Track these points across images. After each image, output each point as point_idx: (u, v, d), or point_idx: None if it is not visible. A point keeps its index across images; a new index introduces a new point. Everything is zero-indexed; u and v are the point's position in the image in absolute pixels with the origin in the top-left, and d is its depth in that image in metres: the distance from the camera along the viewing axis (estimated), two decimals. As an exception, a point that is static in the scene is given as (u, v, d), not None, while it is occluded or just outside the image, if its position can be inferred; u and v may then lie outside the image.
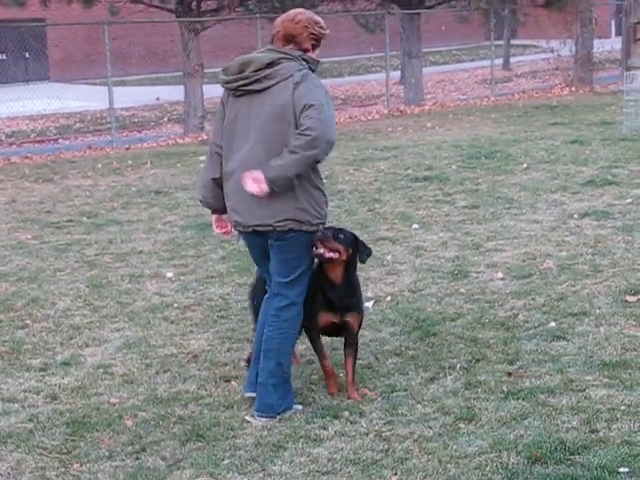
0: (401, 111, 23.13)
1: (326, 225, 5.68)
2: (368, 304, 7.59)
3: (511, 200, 11.32)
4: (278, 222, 5.47)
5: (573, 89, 26.08)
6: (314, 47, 5.70)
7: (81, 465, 5.09)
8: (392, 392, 5.87)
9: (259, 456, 5.10)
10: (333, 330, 5.93)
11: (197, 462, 5.06)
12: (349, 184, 12.92)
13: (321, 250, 5.54)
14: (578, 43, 26.72)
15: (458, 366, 6.21)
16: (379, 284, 8.23)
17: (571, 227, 9.81)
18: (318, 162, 5.45)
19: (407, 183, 12.81)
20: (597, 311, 7.12)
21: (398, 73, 29.94)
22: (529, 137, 16.60)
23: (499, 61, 36.02)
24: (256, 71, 5.48)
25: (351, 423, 5.46)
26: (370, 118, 22.26)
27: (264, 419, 5.57)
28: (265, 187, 5.26)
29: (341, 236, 5.68)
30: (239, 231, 5.73)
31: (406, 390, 5.89)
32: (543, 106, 22.03)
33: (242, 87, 5.55)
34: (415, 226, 10.26)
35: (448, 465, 4.88)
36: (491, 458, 4.91)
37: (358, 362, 6.25)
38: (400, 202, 11.60)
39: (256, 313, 6.02)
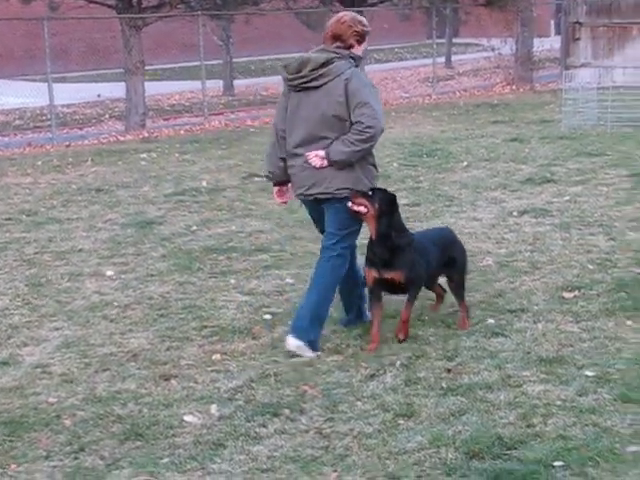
0: (343, 109, 23.17)
1: None
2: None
3: (452, 198, 11.41)
4: (337, 190, 6.58)
5: (514, 87, 26.31)
6: (359, 42, 6.70)
7: (18, 466, 5.05)
8: (333, 389, 5.90)
9: (198, 454, 5.10)
10: (385, 286, 6.71)
11: (136, 461, 5.05)
12: (291, 182, 12.93)
13: (350, 204, 6.48)
14: (519, 42, 26.97)
15: (398, 363, 6.26)
16: (320, 282, 8.23)
17: (510, 224, 9.91)
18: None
19: (349, 181, 12.82)
20: (535, 307, 7.22)
21: (340, 71, 29.97)
22: (470, 135, 16.74)
23: (441, 59, 36.25)
24: (312, 70, 6.53)
25: (291, 421, 5.48)
26: (312, 116, 22.28)
27: (295, 340, 6.51)
28: (326, 163, 6.51)
29: (370, 194, 6.54)
30: (301, 200, 6.91)
31: (346, 387, 5.92)
32: (484, 104, 22.20)
33: (302, 84, 6.60)
34: (356, 224, 10.28)
35: (387, 461, 4.93)
36: (430, 454, 4.96)
37: (299, 360, 6.33)
38: (342, 200, 11.62)
39: None
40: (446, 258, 7.04)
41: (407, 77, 33.78)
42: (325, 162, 6.52)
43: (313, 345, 6.55)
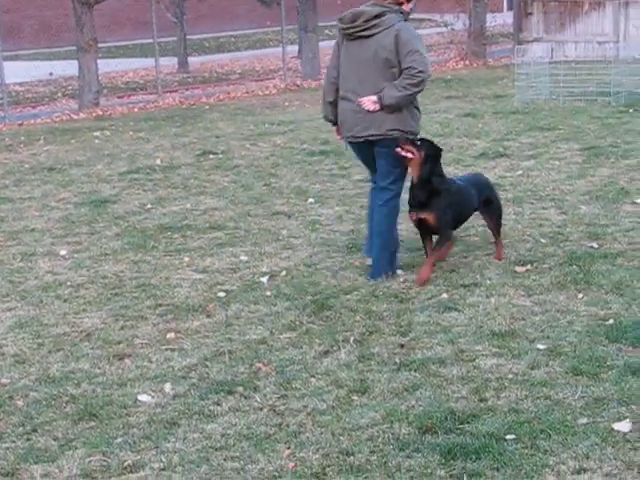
0: (298, 85, 23.09)
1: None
2: (263, 279, 7.63)
3: (405, 173, 11.39)
4: (388, 131, 7.30)
5: (467, 63, 26.32)
6: (408, 1, 7.40)
7: (-30, 448, 5.01)
8: (286, 366, 5.88)
9: (152, 434, 5.07)
10: (422, 226, 7.48)
11: (89, 441, 5.01)
12: (245, 159, 12.88)
13: (399, 149, 7.18)
14: (471, 17, 26.96)
15: (352, 339, 6.25)
16: (274, 259, 8.23)
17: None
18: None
19: (303, 157, 12.82)
20: (487, 282, 7.24)
21: (296, 47, 29.87)
22: (424, 110, 16.47)
23: (395, 35, 36.14)
24: (366, 21, 7.25)
25: (245, 398, 5.46)
26: (267, 93, 22.17)
27: (376, 280, 7.34)
28: (378, 107, 7.21)
29: (418, 142, 7.28)
30: (350, 142, 7.60)
31: (300, 364, 5.91)
32: (438, 79, 22.15)
33: (355, 33, 7.32)
34: (311, 200, 10.28)
35: (341, 437, 4.92)
36: (383, 429, 4.96)
37: (252, 337, 6.34)
38: (296, 176, 11.61)
39: None
40: (483, 198, 7.78)
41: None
42: (377, 106, 7.24)
43: (394, 271, 7.50)
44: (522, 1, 26.62)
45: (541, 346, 5.93)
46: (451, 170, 11.38)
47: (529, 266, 7.56)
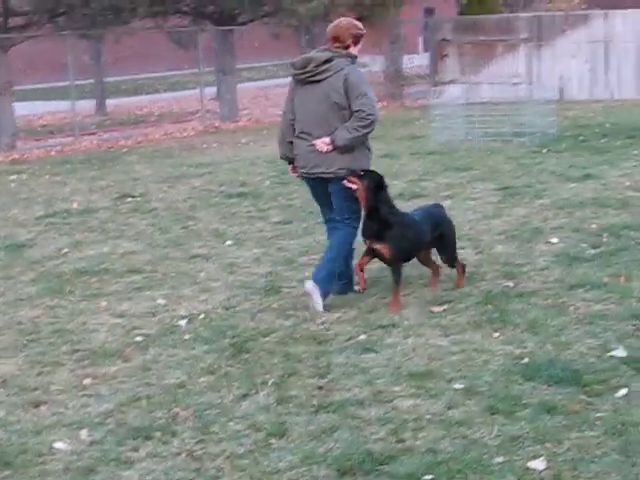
0: (216, 127, 23.15)
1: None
2: (181, 322, 7.59)
3: (324, 215, 11.45)
4: (339, 169, 7.74)
5: (384, 104, 26.57)
6: (355, 44, 7.82)
7: None
8: (205, 410, 5.85)
9: (68, 482, 5.01)
10: (375, 255, 7.82)
11: (4, 491, 4.93)
12: (163, 202, 12.85)
13: (345, 182, 7.63)
14: (388, 59, 27.30)
15: (270, 382, 6.24)
16: (192, 302, 8.20)
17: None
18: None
19: (221, 199, 12.83)
20: (405, 322, 7.29)
21: (214, 89, 29.94)
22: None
23: (313, 77, 36.39)
24: (316, 66, 7.69)
25: (163, 443, 5.42)
26: (185, 135, 22.20)
27: (312, 285, 7.70)
28: (331, 148, 7.67)
29: (361, 174, 7.67)
30: (304, 178, 8.08)
31: (219, 408, 5.88)
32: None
33: (307, 78, 7.76)
34: (229, 242, 10.28)
35: (259, 481, 4.91)
36: (302, 472, 4.95)
37: (170, 381, 6.32)
38: (214, 219, 11.61)
39: None
40: (437, 233, 8.10)
41: (279, 94, 33.76)
42: (330, 147, 7.69)
43: (325, 295, 7.76)
44: (438, 43, 27.04)
45: (458, 386, 5.98)
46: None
47: (446, 306, 7.63)
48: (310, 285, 7.74)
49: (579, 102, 24.38)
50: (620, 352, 6.33)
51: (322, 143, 7.72)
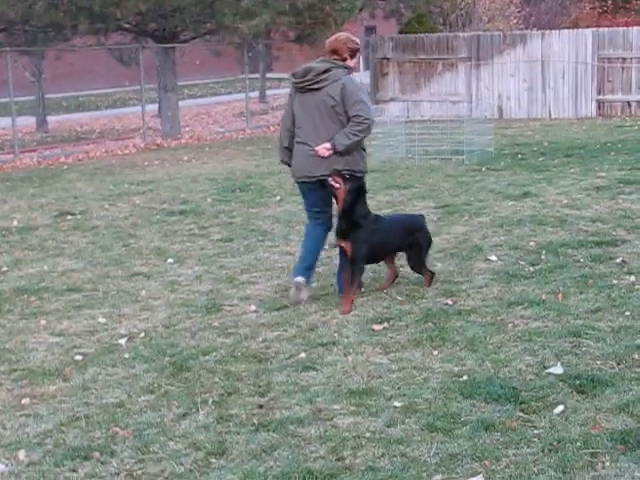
0: (158, 145, 23.05)
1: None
2: (121, 341, 7.54)
3: (265, 232, 11.47)
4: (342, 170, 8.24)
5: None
6: (351, 57, 8.46)
7: None
8: (144, 429, 5.80)
9: (5, 504, 4.94)
10: (343, 254, 8.38)
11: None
12: (104, 219, 12.76)
13: (330, 179, 8.12)
14: (329, 77, 27.35)
15: (210, 400, 6.22)
16: (133, 320, 8.15)
17: (322, 257, 9.94)
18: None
19: (163, 217, 12.77)
20: (345, 340, 7.29)
21: (156, 106, 29.84)
22: (283, 169, 16.78)
23: (255, 94, 36.45)
24: (316, 75, 8.27)
25: (102, 464, 5.37)
26: (127, 152, 22.08)
27: (299, 277, 8.40)
28: (332, 152, 8.20)
29: (347, 176, 8.19)
30: (303, 182, 8.49)
31: (158, 427, 5.84)
32: (297, 139, 22.41)
33: (307, 86, 8.33)
34: (170, 260, 10.24)
35: (199, 501, 4.87)
36: (241, 492, 4.93)
37: (110, 401, 6.26)
38: (155, 237, 11.55)
39: None
40: (409, 241, 8.64)
41: (222, 112, 33.86)
42: (331, 152, 8.21)
43: (309, 281, 8.49)
44: (378, 61, 27.18)
45: (397, 403, 5.99)
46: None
47: (386, 324, 7.65)
48: (300, 279, 8.38)
49: (517, 121, 24.64)
50: (557, 369, 6.39)
51: (323, 149, 8.25)
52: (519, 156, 17.19)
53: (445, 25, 28.29)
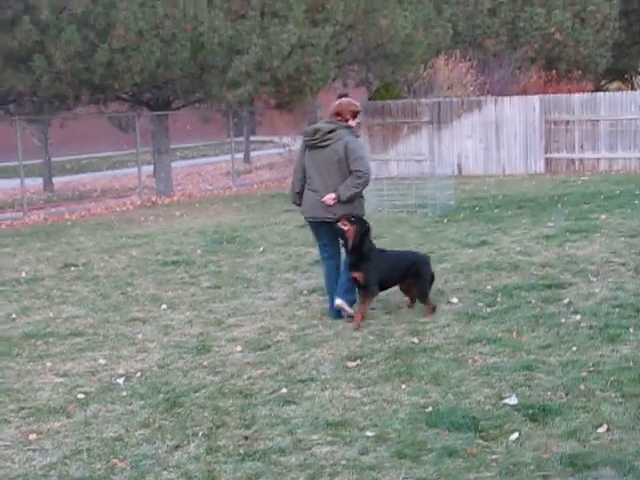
0: (153, 202, 23.03)
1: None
2: (119, 380, 7.49)
3: (249, 280, 11.44)
4: (341, 216, 8.86)
5: (304, 180, 26.70)
6: (353, 118, 9.13)
7: None
8: (140, 461, 5.76)
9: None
10: (356, 283, 8.93)
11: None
12: (104, 270, 12.71)
13: (338, 223, 8.80)
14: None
15: (201, 433, 6.18)
16: (130, 361, 8.10)
17: (301, 302, 10.00)
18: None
19: (157, 267, 12.73)
20: (322, 376, 7.27)
21: (151, 167, 29.85)
22: (265, 223, 16.88)
23: (240, 155, 36.55)
24: (323, 135, 8.96)
25: (102, 493, 5.32)
26: (125, 209, 22.03)
27: (339, 300, 8.95)
28: (336, 201, 8.88)
29: (352, 219, 8.84)
30: (310, 221, 9.24)
31: (153, 458, 5.80)
32: (278, 194, 22.48)
33: (316, 144, 9.01)
34: (164, 306, 10.20)
35: (190, 526, 4.82)
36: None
37: (109, 435, 6.22)
38: (151, 285, 11.50)
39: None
40: (412, 271, 9.08)
41: (210, 172, 33.89)
42: (335, 201, 8.89)
43: (351, 304, 8.99)
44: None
45: (370, 433, 5.97)
46: (290, 276, 11.51)
47: (359, 361, 7.64)
48: (339, 301, 8.94)
49: (475, 177, 24.75)
50: (512, 400, 6.39)
51: (329, 199, 8.89)
52: (477, 208, 17.25)
53: (410, 92, 28.47)
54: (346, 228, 8.82)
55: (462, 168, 25.93)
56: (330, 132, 8.96)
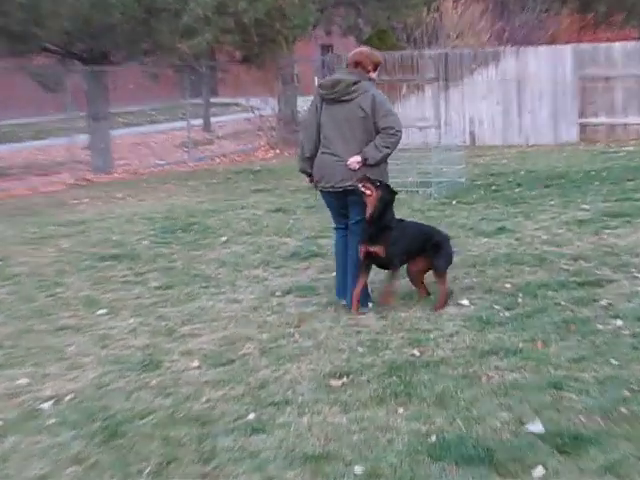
0: (88, 180, 23.02)
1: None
2: (46, 405, 7.48)
3: (209, 278, 11.46)
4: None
5: (278, 151, 26.76)
6: (374, 69, 9.57)
7: None
8: (72, 506, 5.77)
9: None
10: (373, 259, 9.44)
11: None
12: (26, 266, 12.70)
13: (360, 185, 9.14)
14: (281, 101, 27.48)
15: (147, 470, 6.17)
16: (59, 381, 8.09)
17: (274, 305, 10.03)
18: None
19: (93, 263, 12.73)
20: (300, 399, 7.28)
21: (85, 137, 29.77)
22: (230, 206, 16.90)
23: (199, 122, 36.51)
24: (347, 87, 9.29)
25: None
26: (53, 189, 22.01)
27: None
28: (361, 165, 9.27)
29: (377, 183, 9.19)
30: (327, 191, 9.61)
31: (88, 502, 5.81)
32: (245, 171, 22.53)
33: (336, 99, 9.38)
34: (101, 312, 10.20)
35: None
36: None
37: (32, 473, 6.23)
38: (85, 285, 11.50)
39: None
40: (430, 244, 9.62)
41: (161, 142, 33.88)
42: (361, 164, 9.24)
43: (365, 304, 9.61)
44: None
45: (359, 469, 5.98)
46: (259, 273, 11.54)
47: (345, 379, 7.64)
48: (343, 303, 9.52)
49: (491, 148, 24.86)
50: (537, 427, 6.42)
51: (354, 162, 9.27)
52: (493, 187, 17.33)
53: (409, 42, 28.54)
54: (368, 193, 9.18)
55: (475, 137, 26.03)
56: (354, 84, 9.34)
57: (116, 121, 32.58)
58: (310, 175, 9.81)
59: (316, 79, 47.25)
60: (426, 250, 9.64)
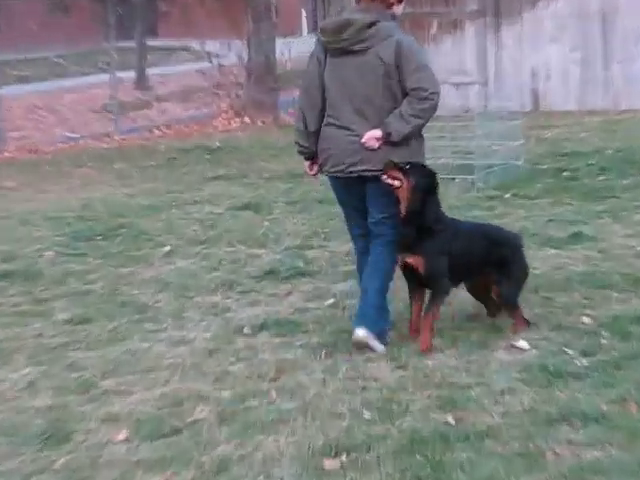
0: (-35, 161, 23.07)
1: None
2: None
3: (144, 307, 11.47)
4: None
5: (246, 119, 26.72)
6: (399, 1, 9.50)
7: None
8: None
9: None
10: (409, 274, 9.66)
11: None
12: None
13: (384, 176, 9.23)
14: (251, 46, 27.41)
15: None
16: None
17: (240, 349, 10.03)
18: None
19: (-29, 284, 12.76)
20: (259, 487, 7.30)
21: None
22: (176, 201, 16.91)
23: (129, 74, 36.43)
24: (358, 32, 9.20)
25: None
26: None
27: (363, 330, 9.45)
28: (382, 142, 9.26)
29: (407, 167, 9.23)
30: (336, 177, 9.71)
31: None
32: (199, 148, 22.57)
33: (345, 47, 9.30)
34: (-16, 357, 10.22)
35: None
36: None
37: None
38: (-41, 317, 11.53)
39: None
40: (495, 257, 9.80)
41: (73, 105, 33.86)
42: (382, 141, 9.29)
43: (381, 336, 9.56)
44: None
45: None
46: (219, 300, 11.52)
47: (344, 458, 7.63)
48: (362, 332, 9.41)
49: (563, 115, 24.88)
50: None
51: (372, 138, 9.33)
52: (565, 174, 17.39)
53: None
54: (397, 184, 9.29)
55: (539, 98, 26.09)
56: (370, 26, 9.28)
57: (7, 74, 32.62)
58: (313, 158, 9.90)
59: (303, 14, 47.53)
60: (488, 266, 9.78)
